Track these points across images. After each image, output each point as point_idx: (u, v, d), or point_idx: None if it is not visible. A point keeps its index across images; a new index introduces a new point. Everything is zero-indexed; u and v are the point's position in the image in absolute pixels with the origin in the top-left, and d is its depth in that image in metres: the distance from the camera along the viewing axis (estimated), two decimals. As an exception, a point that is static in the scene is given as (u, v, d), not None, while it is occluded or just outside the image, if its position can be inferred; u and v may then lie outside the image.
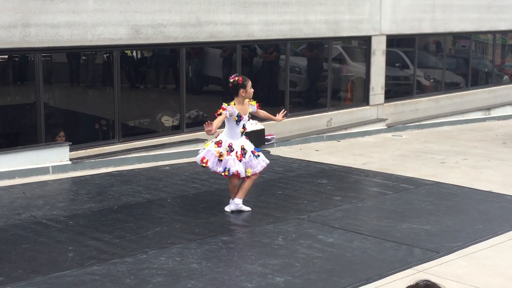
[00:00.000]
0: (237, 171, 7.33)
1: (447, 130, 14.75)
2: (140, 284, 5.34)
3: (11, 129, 10.16)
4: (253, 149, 7.53)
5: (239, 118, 7.41)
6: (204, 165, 7.41)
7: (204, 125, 7.25)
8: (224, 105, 7.38)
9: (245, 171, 7.41)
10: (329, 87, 13.87)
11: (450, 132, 14.44)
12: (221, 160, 7.35)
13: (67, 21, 9.59)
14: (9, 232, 6.64)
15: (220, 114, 7.33)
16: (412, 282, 2.48)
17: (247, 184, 7.53)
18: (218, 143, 7.42)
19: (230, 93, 7.71)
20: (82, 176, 9.24)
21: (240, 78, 7.49)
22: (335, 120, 13.77)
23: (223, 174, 7.37)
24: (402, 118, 15.23)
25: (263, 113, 7.85)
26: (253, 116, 7.96)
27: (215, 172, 7.48)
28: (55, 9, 9.47)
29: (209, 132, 7.19)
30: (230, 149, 7.38)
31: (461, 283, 5.50)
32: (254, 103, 7.64)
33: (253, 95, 7.62)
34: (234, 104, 7.41)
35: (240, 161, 7.36)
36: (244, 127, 7.54)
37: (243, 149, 7.43)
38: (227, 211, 7.59)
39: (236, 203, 7.57)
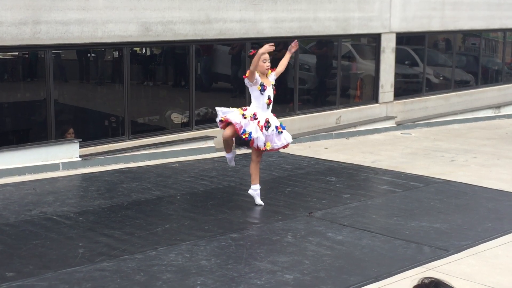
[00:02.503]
0: (253, 139, 7.25)
1: (456, 128, 14.71)
2: (150, 281, 5.36)
3: (21, 126, 10.21)
4: (278, 125, 7.47)
5: (262, 88, 7.39)
6: (222, 119, 7.39)
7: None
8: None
9: (265, 144, 7.35)
10: (338, 85, 13.86)
11: (459, 130, 14.40)
12: (245, 118, 7.29)
13: (77, 18, 9.62)
14: (19, 228, 6.67)
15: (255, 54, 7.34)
16: (416, 282, 2.47)
17: (255, 168, 7.53)
18: (244, 109, 7.43)
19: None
20: (91, 172, 9.28)
21: (253, 51, 7.48)
22: (344, 117, 13.76)
23: (243, 135, 7.28)
24: (411, 116, 15.20)
25: (281, 65, 7.81)
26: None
27: (235, 128, 7.29)
28: (65, 6, 9.50)
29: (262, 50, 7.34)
30: (255, 116, 7.34)
31: (470, 282, 5.49)
32: (270, 72, 7.60)
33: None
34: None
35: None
36: (269, 98, 7.45)
37: (267, 121, 7.37)
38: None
39: (255, 189, 7.61)
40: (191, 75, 11.35)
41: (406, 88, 15.74)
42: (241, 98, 12.30)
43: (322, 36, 13.35)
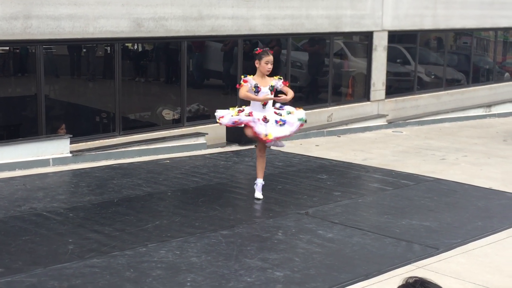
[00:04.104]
0: (253, 128, 7.40)
1: (447, 126, 14.75)
2: (140, 277, 5.35)
3: (12, 121, 10.17)
4: (278, 119, 7.58)
5: (256, 89, 7.57)
6: (218, 121, 7.66)
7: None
8: (245, 77, 7.62)
9: (266, 134, 7.46)
10: (330, 83, 13.86)
11: (450, 128, 14.44)
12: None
13: (68, 13, 9.58)
14: (9, 224, 6.64)
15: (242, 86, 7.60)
16: (401, 282, 2.47)
17: (261, 163, 7.76)
18: (240, 111, 7.63)
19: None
20: (82, 168, 9.25)
21: (259, 50, 7.67)
22: (336, 115, 13.77)
23: (237, 122, 7.52)
24: (402, 114, 15.23)
25: (290, 92, 7.78)
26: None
27: (228, 125, 7.66)
28: (56, 1, 9.45)
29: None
30: (249, 115, 7.54)
31: (460, 280, 5.51)
32: (278, 78, 7.77)
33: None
34: (252, 76, 7.61)
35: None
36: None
37: (265, 118, 7.52)
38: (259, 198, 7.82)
39: (262, 183, 7.84)
40: (183, 72, 11.32)
41: (397, 86, 15.77)
42: (232, 95, 12.29)
43: (314, 33, 13.36)
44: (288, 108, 7.80)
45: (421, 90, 16.10)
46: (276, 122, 7.54)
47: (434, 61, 17.06)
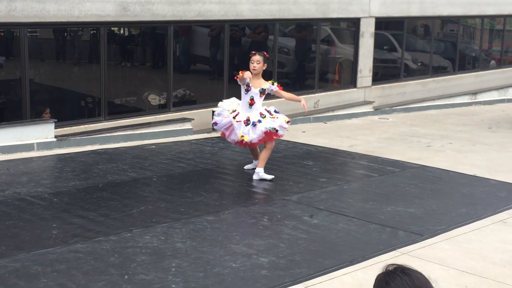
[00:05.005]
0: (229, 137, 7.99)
1: (433, 113, 14.80)
2: (124, 263, 5.33)
3: (-4, 105, 10.06)
4: (255, 120, 7.88)
5: (247, 87, 7.92)
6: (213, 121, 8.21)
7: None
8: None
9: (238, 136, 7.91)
10: (317, 69, 13.84)
11: (436, 116, 14.49)
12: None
13: (53, -4, 9.47)
14: (-8, 208, 6.60)
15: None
16: (381, 270, 2.51)
17: (264, 153, 8.04)
18: (233, 111, 8.00)
19: None
20: (67, 153, 9.19)
21: (253, 53, 8.08)
22: (322, 102, 13.76)
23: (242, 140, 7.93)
24: (389, 101, 15.25)
25: (286, 94, 8.30)
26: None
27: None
28: (41, -16, 9.34)
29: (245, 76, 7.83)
30: (235, 114, 7.93)
31: (443, 266, 5.55)
32: (275, 83, 8.17)
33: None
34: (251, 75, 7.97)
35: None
36: (252, 99, 7.96)
37: (247, 119, 7.87)
38: (246, 169, 8.40)
39: (257, 172, 8.05)
40: (169, 57, 11.25)
41: (384, 73, 15.77)
42: (219, 81, 12.24)
43: (302, 19, 13.31)
44: (279, 115, 8.13)
45: (407, 77, 16.12)
46: (253, 123, 7.88)
47: (420, 48, 17.07)
